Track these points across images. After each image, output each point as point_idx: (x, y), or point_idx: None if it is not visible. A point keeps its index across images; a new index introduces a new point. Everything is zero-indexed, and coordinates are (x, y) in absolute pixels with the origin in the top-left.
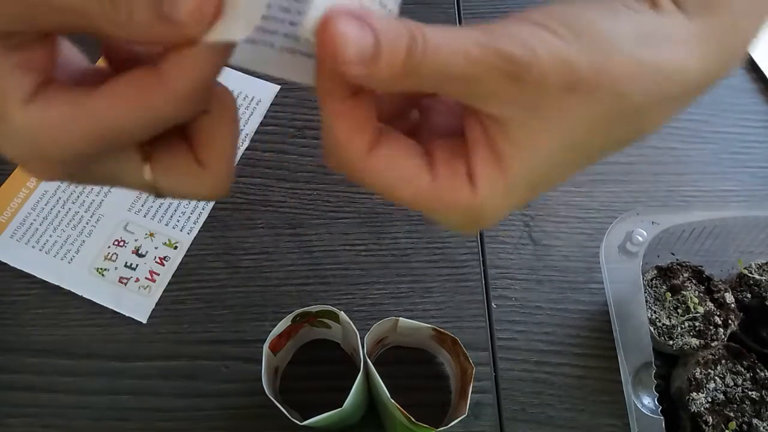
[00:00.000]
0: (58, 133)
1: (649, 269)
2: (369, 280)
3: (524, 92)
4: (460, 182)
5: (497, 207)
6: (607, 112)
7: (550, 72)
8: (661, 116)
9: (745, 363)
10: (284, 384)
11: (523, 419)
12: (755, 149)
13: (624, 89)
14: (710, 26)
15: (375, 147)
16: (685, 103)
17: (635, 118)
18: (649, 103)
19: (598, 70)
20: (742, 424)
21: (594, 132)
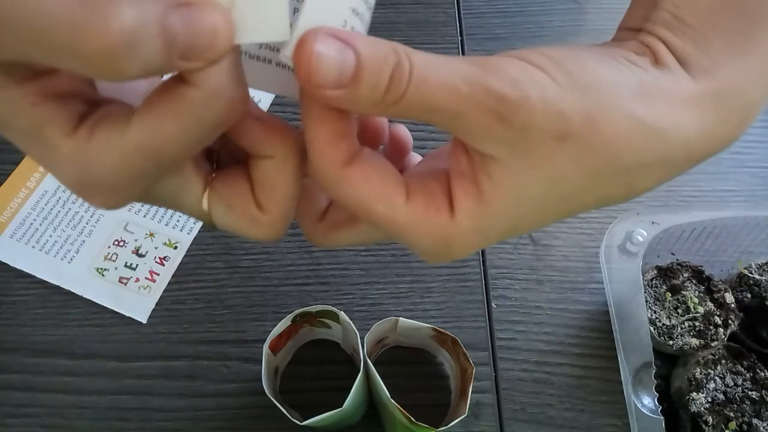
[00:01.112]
0: (105, 157)
1: (649, 269)
2: (369, 280)
3: (511, 133)
4: (437, 208)
5: (469, 240)
6: (598, 169)
7: (539, 118)
8: (655, 177)
9: (745, 363)
10: (284, 384)
11: (523, 419)
12: (755, 149)
13: (618, 149)
14: (716, 88)
15: (352, 161)
16: (685, 167)
17: (627, 177)
18: (644, 164)
19: (592, 125)
20: (742, 424)
21: (583, 188)
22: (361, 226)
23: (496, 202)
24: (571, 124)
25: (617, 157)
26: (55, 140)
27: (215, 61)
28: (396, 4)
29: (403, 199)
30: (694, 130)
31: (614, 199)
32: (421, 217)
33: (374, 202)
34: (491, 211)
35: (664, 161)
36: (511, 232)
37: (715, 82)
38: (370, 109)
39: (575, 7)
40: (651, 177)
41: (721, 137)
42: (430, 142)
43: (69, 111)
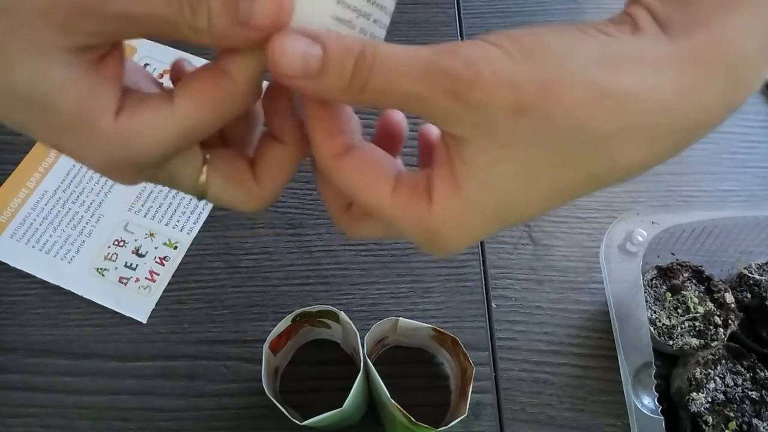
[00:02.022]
0: (149, 137)
1: (649, 269)
2: (369, 280)
3: (471, 112)
4: (418, 197)
5: (453, 228)
6: (563, 141)
7: (493, 93)
8: (637, 147)
9: (745, 363)
10: (284, 384)
11: (523, 419)
12: (755, 149)
13: (579, 117)
14: (695, 46)
15: (346, 154)
16: (675, 135)
17: (602, 148)
18: (611, 131)
19: (548, 95)
20: (742, 424)
21: (557, 164)
22: (376, 220)
23: (470, 186)
24: (525, 95)
25: (581, 127)
26: (99, 121)
27: (267, 36)
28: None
29: (390, 189)
30: (671, 92)
31: (603, 177)
32: (404, 207)
33: (363, 192)
34: (468, 196)
35: (640, 127)
36: (496, 219)
37: (694, 41)
38: (341, 96)
39: (575, 7)
40: (631, 147)
41: (711, 99)
42: None
43: (115, 94)
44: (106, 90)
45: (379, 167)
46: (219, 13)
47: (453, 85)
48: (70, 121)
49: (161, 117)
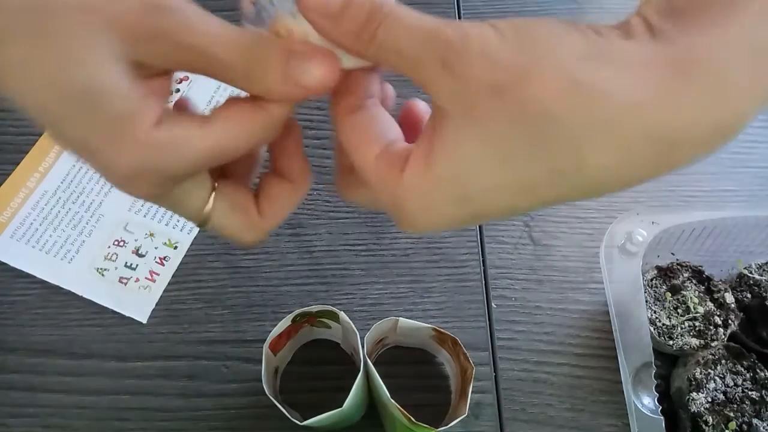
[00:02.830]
0: (182, 149)
1: (649, 269)
2: (369, 280)
3: (456, 83)
4: (393, 166)
5: (417, 201)
6: (533, 127)
7: (476, 67)
8: (604, 147)
9: (745, 363)
10: (284, 384)
11: (523, 419)
12: (755, 149)
13: (549, 105)
14: (676, 54)
15: (355, 111)
16: (646, 142)
17: (567, 141)
18: (580, 124)
19: (525, 79)
20: (742, 424)
21: (523, 150)
22: (367, 188)
23: (439, 161)
24: (504, 75)
25: (551, 116)
26: (139, 127)
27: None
28: None
29: (376, 153)
30: (642, 95)
31: (570, 176)
32: (381, 173)
33: (353, 150)
34: (433, 170)
35: (611, 126)
36: (461, 202)
37: (676, 48)
38: (352, 42)
39: (575, 7)
40: (601, 146)
41: (691, 111)
42: None
43: (158, 107)
44: (152, 103)
45: (374, 131)
46: (276, 69)
47: (445, 53)
48: (112, 121)
49: (196, 133)
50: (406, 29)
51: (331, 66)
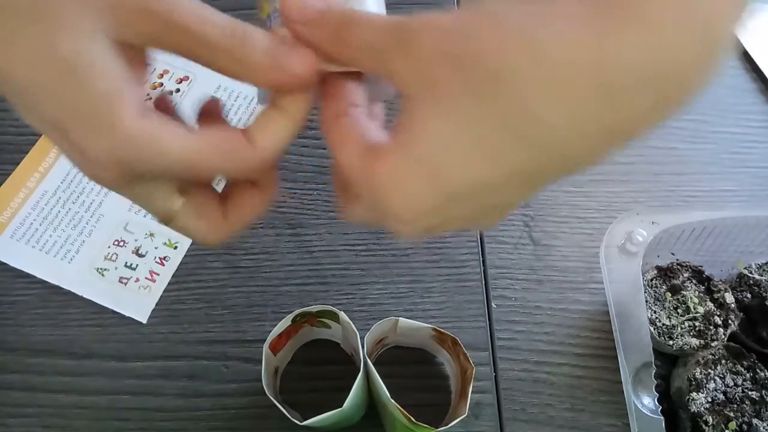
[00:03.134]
0: (164, 146)
1: (649, 269)
2: (369, 280)
3: (414, 63)
4: (368, 157)
5: (390, 185)
6: (489, 90)
7: (426, 38)
8: (553, 98)
9: (745, 363)
10: (284, 384)
11: (523, 419)
12: (755, 149)
13: (499, 66)
14: (609, 2)
15: (341, 115)
16: (591, 88)
17: (523, 101)
18: (530, 82)
19: (473, 39)
20: (742, 424)
21: (485, 115)
22: (361, 199)
23: (407, 142)
24: (454, 44)
25: (502, 78)
26: (125, 114)
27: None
28: (396, 5)
29: (358, 152)
30: (582, 44)
31: (530, 137)
32: (359, 166)
33: (337, 151)
34: (402, 152)
35: (556, 80)
36: (435, 180)
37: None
38: (328, 45)
39: None
40: (550, 98)
41: (623, 51)
42: None
43: (141, 97)
44: (137, 90)
45: (357, 134)
46: (262, 51)
47: (401, 35)
48: (95, 101)
49: (181, 142)
50: (372, 27)
51: (313, 58)
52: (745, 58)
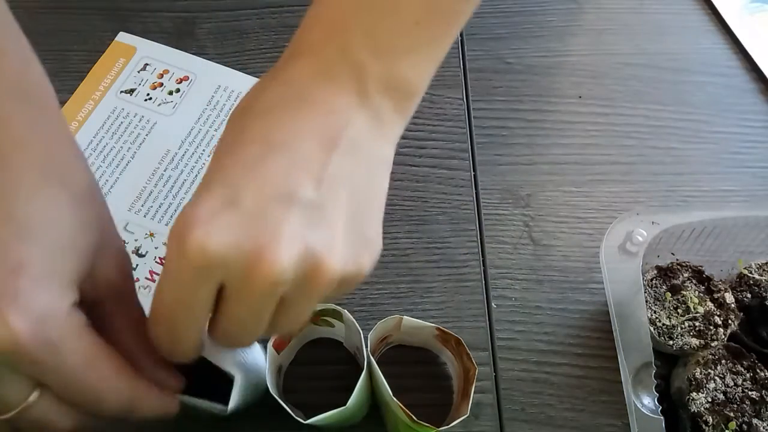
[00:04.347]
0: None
1: (649, 269)
2: (369, 280)
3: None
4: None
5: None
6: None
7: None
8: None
9: (745, 363)
10: (287, 383)
11: (523, 419)
12: (755, 149)
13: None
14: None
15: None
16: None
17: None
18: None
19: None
20: (742, 424)
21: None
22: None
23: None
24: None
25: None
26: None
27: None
28: None
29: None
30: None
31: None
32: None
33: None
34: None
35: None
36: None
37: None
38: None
39: (575, 7)
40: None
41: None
42: (430, 142)
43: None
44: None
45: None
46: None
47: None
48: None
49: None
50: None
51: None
52: (745, 58)
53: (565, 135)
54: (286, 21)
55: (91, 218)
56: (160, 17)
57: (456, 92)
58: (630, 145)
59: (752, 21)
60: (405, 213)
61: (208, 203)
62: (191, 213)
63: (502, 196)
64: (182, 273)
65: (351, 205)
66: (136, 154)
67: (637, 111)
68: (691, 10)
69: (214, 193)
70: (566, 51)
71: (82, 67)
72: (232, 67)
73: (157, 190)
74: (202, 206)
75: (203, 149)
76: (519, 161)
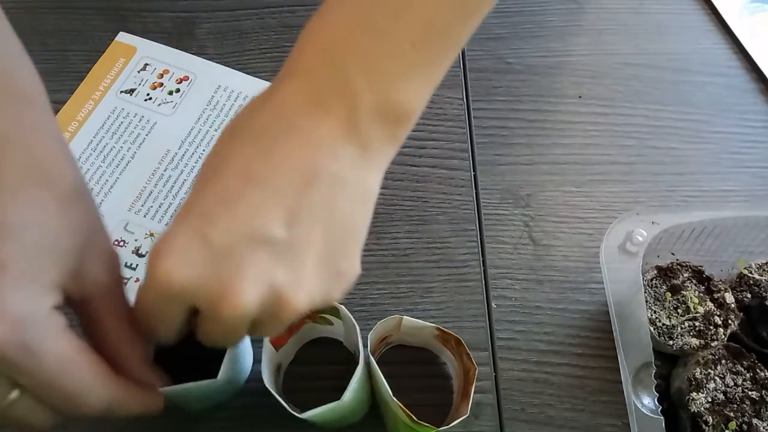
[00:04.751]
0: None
1: (649, 269)
2: (369, 280)
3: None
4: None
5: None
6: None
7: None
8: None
9: (745, 363)
10: (287, 383)
11: (523, 419)
12: (755, 149)
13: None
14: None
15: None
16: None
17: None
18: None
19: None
20: (742, 424)
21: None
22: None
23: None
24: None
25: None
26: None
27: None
28: None
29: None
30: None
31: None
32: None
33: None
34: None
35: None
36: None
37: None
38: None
39: (575, 7)
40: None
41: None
42: (430, 142)
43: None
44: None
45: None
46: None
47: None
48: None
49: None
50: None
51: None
52: (745, 58)
53: (566, 135)
54: (286, 21)
55: (77, 218)
56: (160, 17)
57: (456, 92)
58: (630, 145)
59: (752, 21)
60: (405, 213)
61: (182, 234)
62: (166, 241)
63: (502, 196)
64: (153, 293)
65: (324, 240)
66: (136, 154)
67: (637, 111)
68: (691, 10)
69: (188, 223)
70: (566, 51)
71: (82, 67)
72: (232, 67)
73: (157, 190)
74: (176, 236)
75: (203, 149)
76: (519, 161)
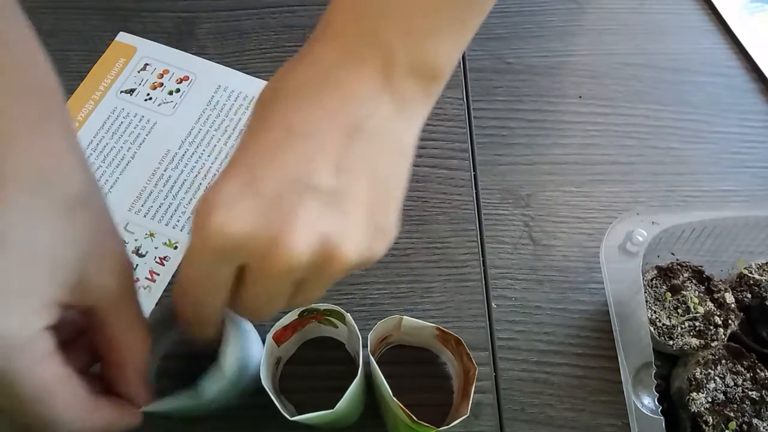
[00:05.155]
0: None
1: (649, 269)
2: (369, 280)
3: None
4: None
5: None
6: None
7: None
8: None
9: (745, 363)
10: (285, 381)
11: (523, 419)
12: (755, 149)
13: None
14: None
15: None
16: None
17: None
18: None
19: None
20: (742, 424)
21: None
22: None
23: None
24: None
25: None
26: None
27: None
28: None
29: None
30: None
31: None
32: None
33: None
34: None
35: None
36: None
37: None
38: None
39: (575, 7)
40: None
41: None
42: (430, 142)
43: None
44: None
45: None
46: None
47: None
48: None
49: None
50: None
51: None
52: (745, 58)
53: (566, 135)
54: (286, 21)
55: (80, 226)
56: (160, 17)
57: (456, 92)
58: (630, 145)
59: (752, 21)
60: (405, 213)
61: (230, 187)
62: (214, 195)
63: (502, 196)
64: (204, 252)
65: (369, 194)
66: (136, 154)
67: (637, 111)
68: (691, 10)
69: (236, 176)
70: (566, 51)
71: (82, 67)
72: (232, 67)
73: (157, 190)
74: (225, 189)
75: (203, 149)
76: (519, 161)
